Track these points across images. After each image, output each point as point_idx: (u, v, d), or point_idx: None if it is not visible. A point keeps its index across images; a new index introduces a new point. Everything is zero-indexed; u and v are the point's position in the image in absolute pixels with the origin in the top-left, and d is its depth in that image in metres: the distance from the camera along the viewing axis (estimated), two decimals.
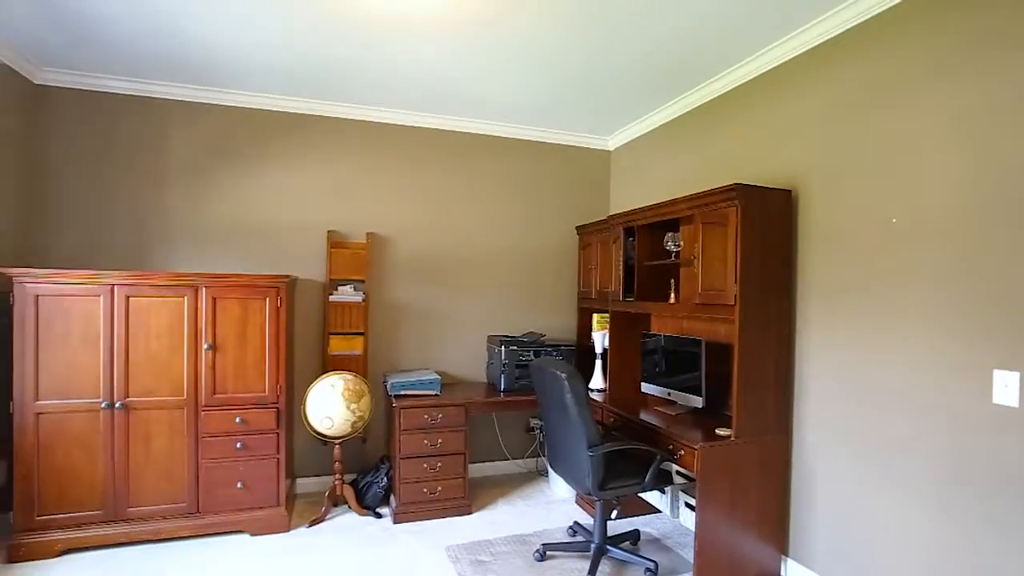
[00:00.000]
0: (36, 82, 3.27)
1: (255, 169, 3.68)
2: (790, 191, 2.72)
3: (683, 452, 2.61)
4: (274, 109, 3.68)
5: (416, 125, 4.01)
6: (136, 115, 3.46)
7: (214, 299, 3.06)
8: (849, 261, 2.45)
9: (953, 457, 2.05)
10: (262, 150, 3.69)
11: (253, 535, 3.12)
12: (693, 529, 2.56)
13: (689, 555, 2.97)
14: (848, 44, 2.48)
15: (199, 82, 3.43)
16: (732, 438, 2.57)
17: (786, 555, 2.73)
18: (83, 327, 2.87)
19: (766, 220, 2.62)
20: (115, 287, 2.91)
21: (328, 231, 3.80)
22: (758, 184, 2.80)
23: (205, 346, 3.04)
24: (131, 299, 2.94)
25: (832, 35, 2.55)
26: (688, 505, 3.07)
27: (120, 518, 2.94)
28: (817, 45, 2.63)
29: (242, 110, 3.63)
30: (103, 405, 2.90)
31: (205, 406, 3.05)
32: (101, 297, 2.90)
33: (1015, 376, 1.86)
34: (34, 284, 2.80)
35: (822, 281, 2.59)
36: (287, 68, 3.21)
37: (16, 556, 2.77)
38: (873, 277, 2.35)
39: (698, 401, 2.98)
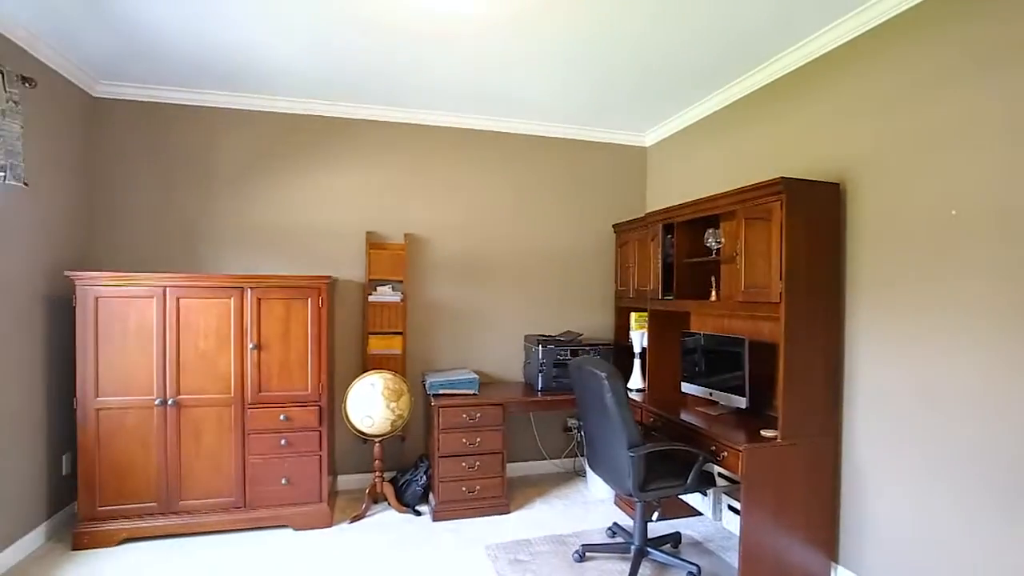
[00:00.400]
0: (94, 95, 3.44)
1: (297, 173, 3.78)
2: (838, 184, 2.61)
3: (726, 453, 2.54)
4: (314, 114, 3.77)
5: (452, 126, 4.04)
6: (186, 124, 3.60)
7: (259, 300, 3.15)
8: (905, 256, 2.34)
9: None
10: (303, 154, 3.78)
11: (297, 530, 3.20)
12: (736, 533, 2.50)
13: (732, 559, 2.90)
14: (899, 30, 2.37)
15: (244, 90, 3.54)
16: (778, 439, 2.49)
17: (836, 561, 2.63)
18: (138, 328, 3.01)
19: (812, 214, 2.53)
20: (167, 289, 3.04)
21: (367, 232, 3.86)
22: (804, 178, 2.71)
23: (250, 345, 3.14)
24: (181, 300, 3.06)
25: (883, 19, 2.43)
26: (731, 508, 3.00)
27: (173, 510, 3.06)
28: (866, 31, 2.52)
29: (284, 115, 3.73)
30: (156, 402, 3.02)
31: (251, 404, 3.15)
32: (154, 299, 3.02)
33: None
34: (93, 287, 2.95)
35: (874, 277, 2.48)
36: (326, 74, 3.28)
37: (80, 544, 2.92)
38: (932, 272, 2.23)
39: (741, 401, 2.90)
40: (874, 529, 2.46)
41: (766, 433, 2.56)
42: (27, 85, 2.62)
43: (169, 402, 3.03)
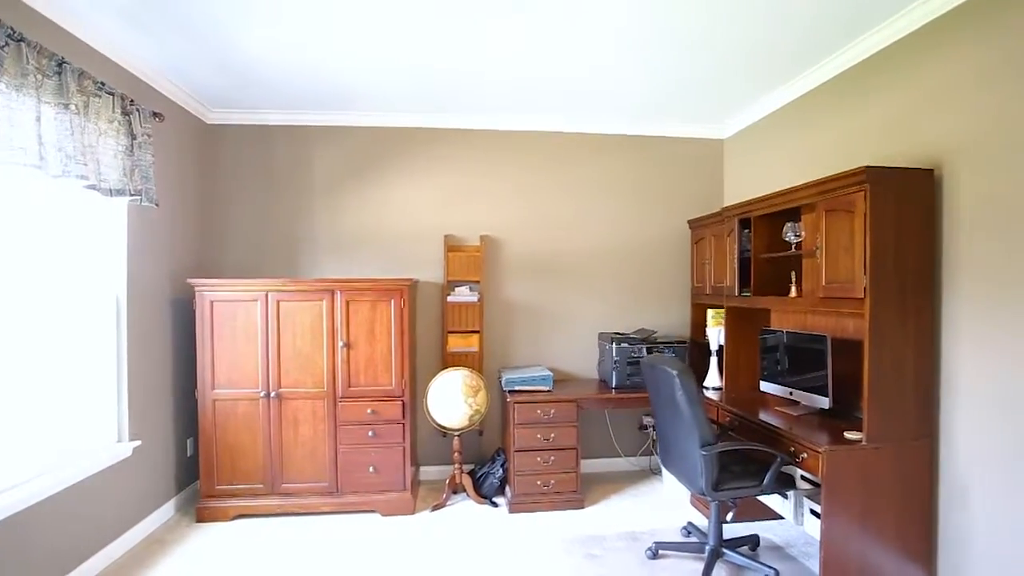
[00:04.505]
0: (207, 122, 3.89)
1: (381, 182, 4.05)
2: (931, 171, 2.44)
3: (806, 455, 2.45)
4: (396, 126, 4.02)
5: (523, 130, 4.14)
6: (287, 143, 3.98)
7: (347, 302, 3.42)
8: (1016, 248, 2.13)
9: None
10: (387, 164, 4.05)
11: (383, 515, 3.43)
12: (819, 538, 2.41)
13: (815, 565, 2.78)
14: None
15: (336, 108, 3.85)
16: (863, 442, 2.37)
17: None
18: (245, 328, 3.36)
19: (902, 205, 2.38)
20: (268, 293, 3.37)
21: (445, 235, 4.06)
22: (892, 166, 2.54)
23: (340, 344, 3.41)
24: (281, 303, 3.38)
25: None
26: (814, 512, 2.86)
27: (276, 492, 3.40)
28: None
29: (370, 129, 4.01)
30: (261, 394, 3.37)
31: (341, 397, 3.42)
32: (258, 302, 3.37)
33: None
34: (209, 292, 3.34)
35: (976, 271, 2.29)
36: (405, 90, 3.51)
37: (202, 517, 3.33)
38: None
39: (824, 402, 2.77)
40: (983, 545, 2.27)
41: (850, 435, 2.44)
42: (156, 119, 3.02)
43: (272, 394, 3.37)
